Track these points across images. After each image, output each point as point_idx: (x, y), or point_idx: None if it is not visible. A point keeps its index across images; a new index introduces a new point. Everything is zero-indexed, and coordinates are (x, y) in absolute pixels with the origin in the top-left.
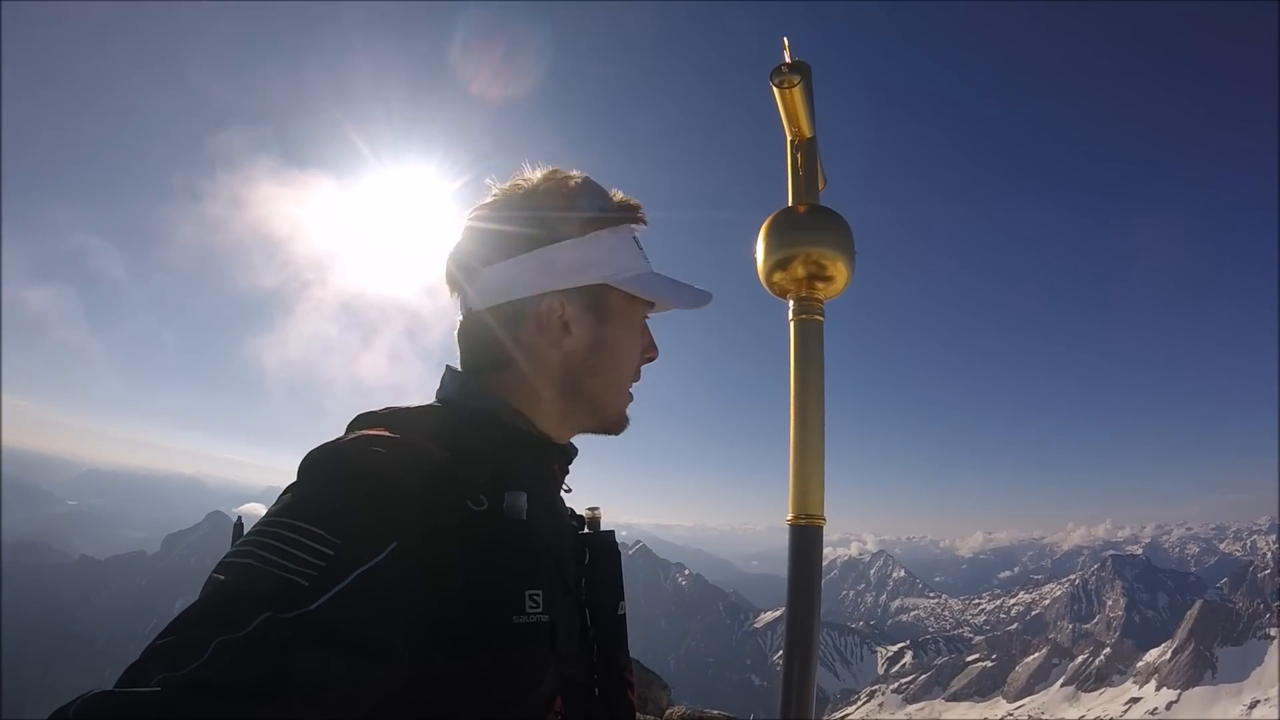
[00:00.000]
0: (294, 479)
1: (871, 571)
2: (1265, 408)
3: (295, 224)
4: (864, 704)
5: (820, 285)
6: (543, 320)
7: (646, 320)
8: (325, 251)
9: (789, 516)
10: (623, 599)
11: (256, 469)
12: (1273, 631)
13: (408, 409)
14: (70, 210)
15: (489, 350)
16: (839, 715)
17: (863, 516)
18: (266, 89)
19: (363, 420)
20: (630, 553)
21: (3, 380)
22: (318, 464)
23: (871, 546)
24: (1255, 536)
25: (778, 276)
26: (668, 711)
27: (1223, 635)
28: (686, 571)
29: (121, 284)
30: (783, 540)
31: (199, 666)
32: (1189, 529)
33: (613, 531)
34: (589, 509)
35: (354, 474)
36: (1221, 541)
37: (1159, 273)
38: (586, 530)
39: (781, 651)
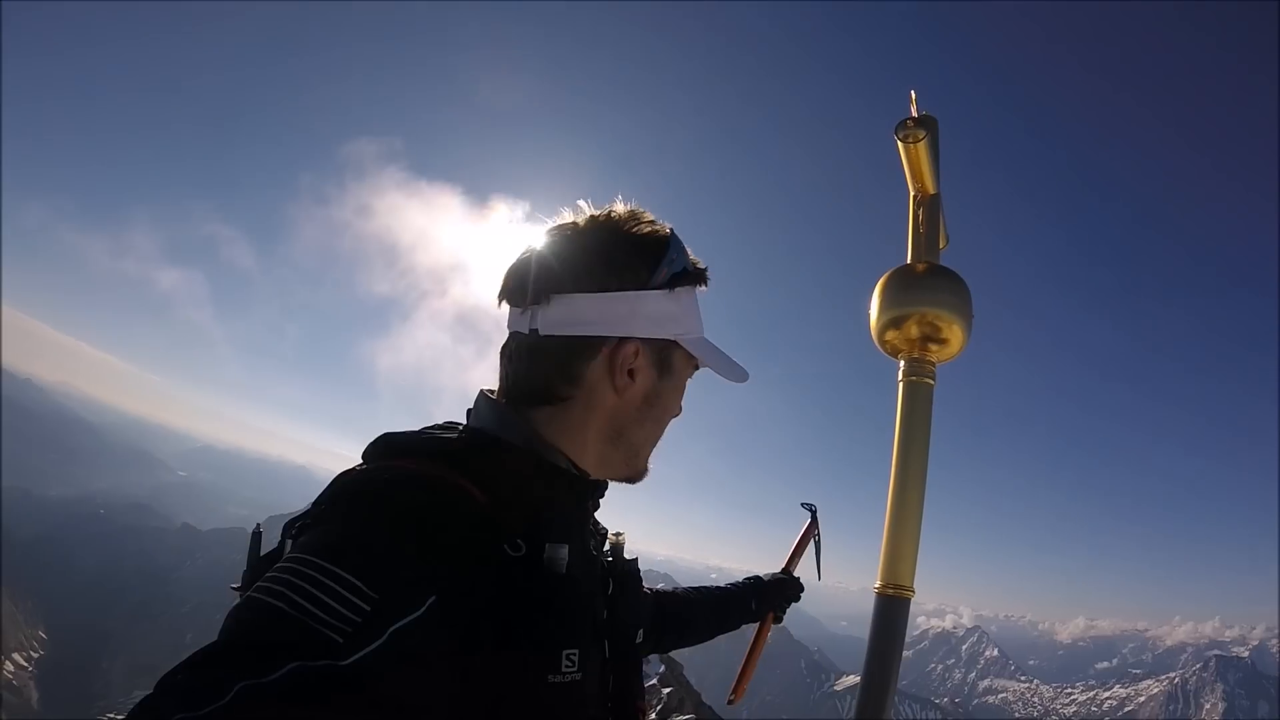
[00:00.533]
0: (325, 506)
1: (964, 647)
2: None
3: (419, 234)
4: None
5: (934, 347)
6: (614, 362)
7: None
8: (446, 264)
9: (876, 584)
10: (641, 628)
11: None
12: None
13: (441, 438)
14: (205, 199)
15: (546, 380)
16: None
17: (962, 588)
18: (401, 100)
19: (392, 446)
20: None
21: (127, 352)
22: (354, 501)
23: (967, 621)
24: None
25: (890, 335)
26: None
27: None
28: None
29: (250, 274)
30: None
31: (220, 709)
32: None
33: (636, 559)
34: (614, 534)
35: (394, 519)
36: None
37: None
38: (610, 558)
39: None
